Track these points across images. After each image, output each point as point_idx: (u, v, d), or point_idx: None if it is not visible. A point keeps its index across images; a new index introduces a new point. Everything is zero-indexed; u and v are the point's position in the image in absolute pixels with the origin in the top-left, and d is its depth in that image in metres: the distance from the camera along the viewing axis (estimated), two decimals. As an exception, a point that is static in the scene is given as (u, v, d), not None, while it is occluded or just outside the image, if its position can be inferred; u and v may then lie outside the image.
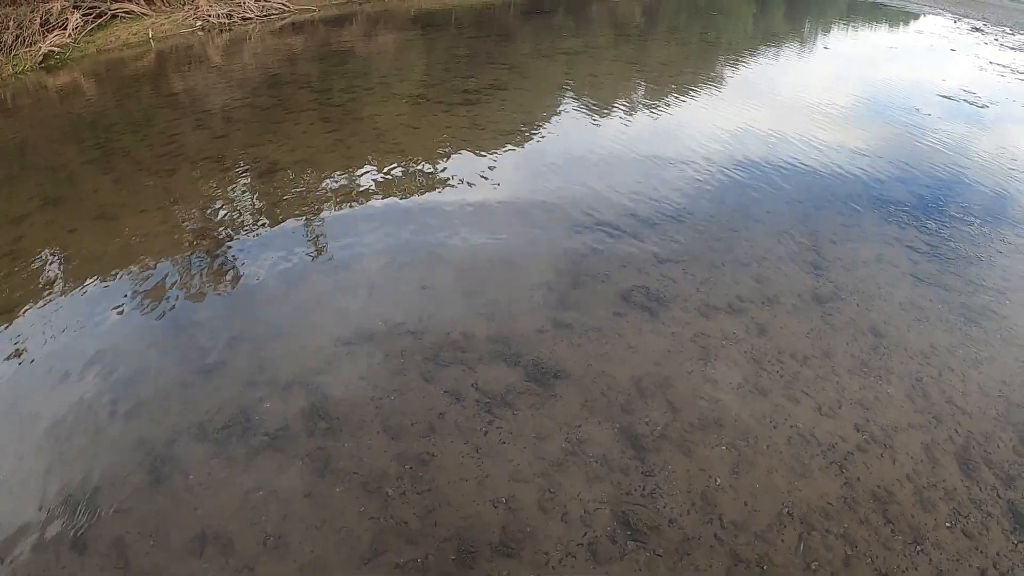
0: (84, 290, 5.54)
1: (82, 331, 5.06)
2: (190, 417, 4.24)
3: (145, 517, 3.58)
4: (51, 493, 3.74)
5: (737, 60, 14.66)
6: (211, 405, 4.30)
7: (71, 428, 4.14)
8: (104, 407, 4.28)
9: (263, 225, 6.55)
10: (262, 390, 4.39)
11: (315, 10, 17.27)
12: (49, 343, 4.90)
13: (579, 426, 4.08)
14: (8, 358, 4.76)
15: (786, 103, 11.04)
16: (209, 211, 6.89)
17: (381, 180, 7.34)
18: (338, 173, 7.57)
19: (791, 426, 4.25)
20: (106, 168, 8.11)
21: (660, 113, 10.13)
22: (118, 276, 5.74)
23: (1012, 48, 16.59)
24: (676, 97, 10.95)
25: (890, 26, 20.45)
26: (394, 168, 7.60)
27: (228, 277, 5.75)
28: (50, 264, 5.97)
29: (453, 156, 8.03)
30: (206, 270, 5.84)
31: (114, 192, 7.39)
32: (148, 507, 3.67)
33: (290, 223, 6.54)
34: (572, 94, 11.04)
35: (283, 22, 16.64)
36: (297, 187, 7.29)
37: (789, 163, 8.12)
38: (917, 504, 3.79)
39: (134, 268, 5.84)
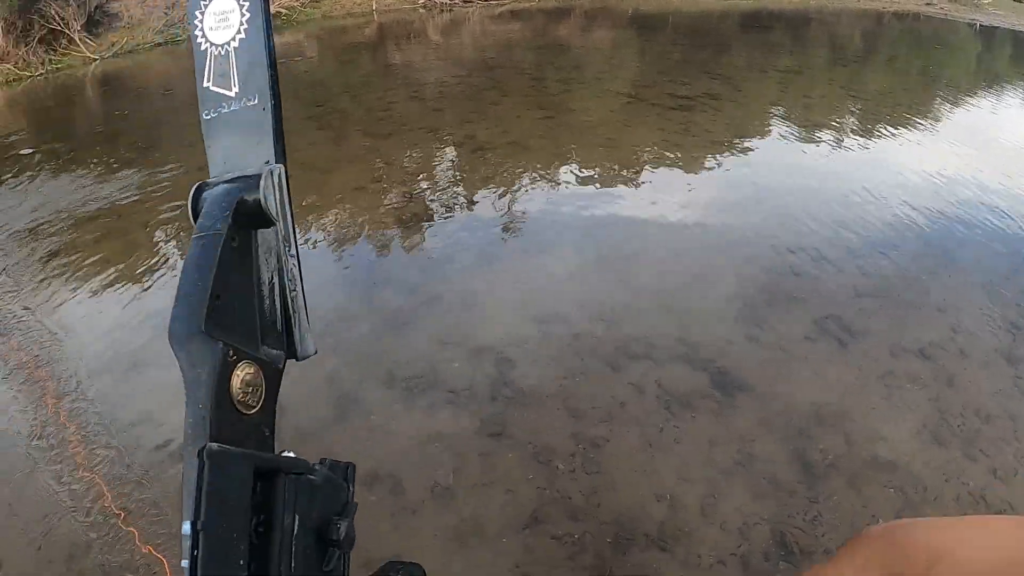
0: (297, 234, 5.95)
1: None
2: (381, 365, 4.55)
3: (327, 448, 3.89)
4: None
5: (957, 98, 13.92)
6: (401, 357, 4.60)
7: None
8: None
9: (467, 199, 6.85)
10: (452, 351, 4.65)
11: (534, 0, 17.50)
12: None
13: (753, 440, 4.11)
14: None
15: (1007, 150, 10.48)
16: (418, 178, 7.24)
17: (587, 173, 7.49)
18: (545, 160, 7.76)
19: (963, 483, 4.13)
20: (324, 125, 8.71)
21: (871, 144, 9.82)
22: (324, 225, 6.15)
23: None
24: (889, 129, 10.57)
25: None
26: (602, 163, 7.74)
27: (428, 242, 6.07)
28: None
29: (662, 159, 8.10)
30: (408, 233, 6.18)
31: (330, 148, 7.92)
32: (328, 438, 4.00)
33: (493, 200, 6.79)
34: (784, 113, 10.85)
35: (502, 8, 17.02)
36: (505, 168, 7.54)
37: (1005, 214, 7.74)
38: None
39: (343, 220, 6.25)
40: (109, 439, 4.72)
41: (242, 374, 0.65)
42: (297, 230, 0.77)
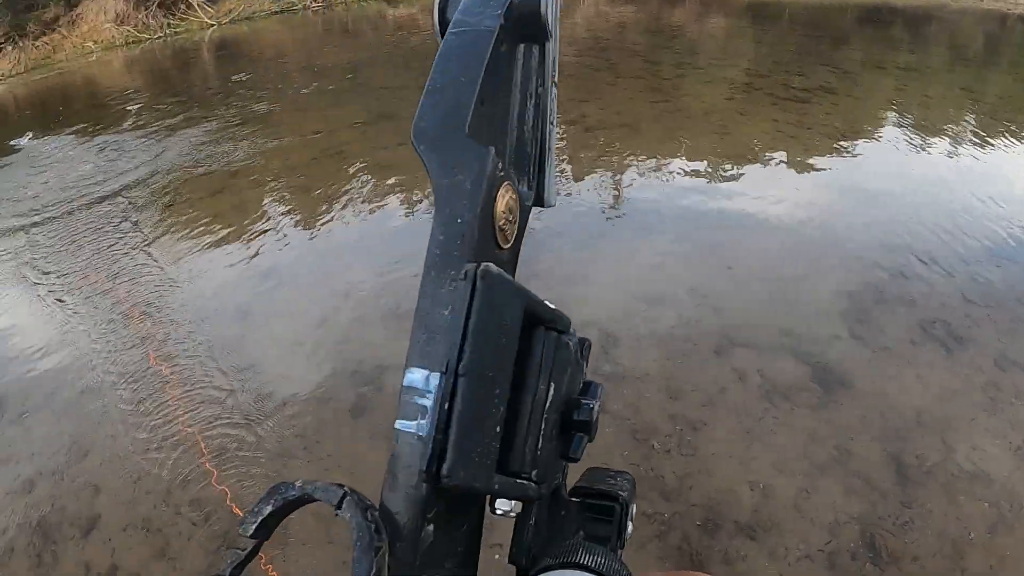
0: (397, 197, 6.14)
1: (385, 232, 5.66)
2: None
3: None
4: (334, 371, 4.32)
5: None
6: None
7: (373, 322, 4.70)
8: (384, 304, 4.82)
9: (577, 177, 6.91)
10: (557, 323, 4.74)
11: None
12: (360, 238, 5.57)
13: (851, 438, 4.10)
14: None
15: None
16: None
17: (697, 160, 7.46)
18: (656, 144, 7.76)
19: (1061, 505, 4.10)
20: None
21: (990, 150, 9.49)
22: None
23: None
24: (1010, 137, 10.22)
25: None
26: (713, 151, 7.69)
27: (536, 217, 6.13)
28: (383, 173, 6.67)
29: (774, 151, 7.99)
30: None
31: None
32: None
33: (602, 180, 6.85)
34: (900, 112, 10.54)
35: None
36: (615, 149, 7.56)
37: None
38: None
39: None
40: (214, 382, 4.97)
41: (506, 195, 0.57)
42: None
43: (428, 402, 0.47)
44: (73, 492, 4.33)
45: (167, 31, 19.20)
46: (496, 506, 0.55)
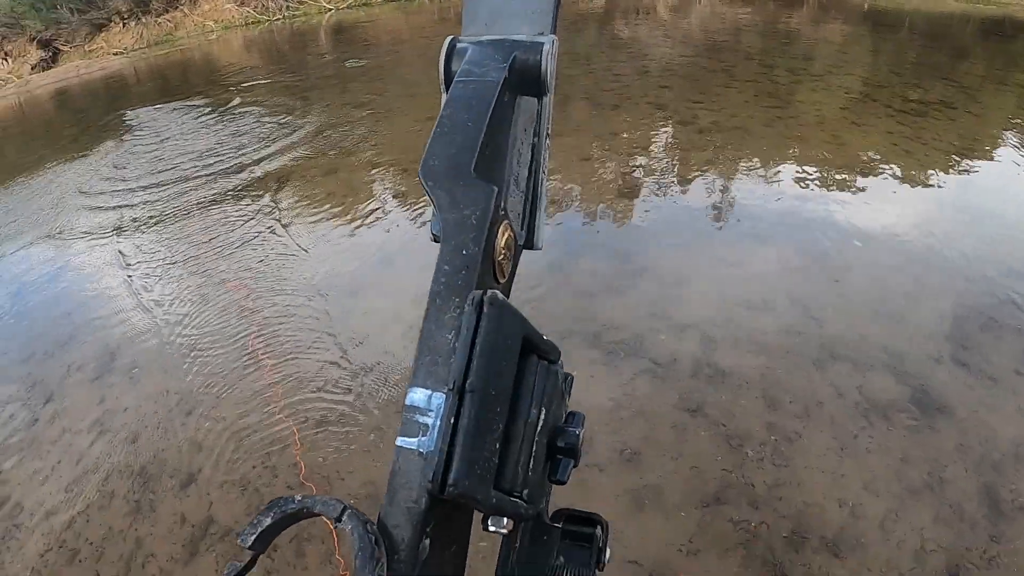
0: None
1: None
2: (588, 324, 4.75)
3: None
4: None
5: None
6: (608, 320, 4.79)
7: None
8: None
9: (685, 178, 6.92)
10: (660, 323, 4.80)
11: None
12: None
13: (946, 466, 4.05)
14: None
15: None
16: (640, 152, 7.37)
17: (808, 169, 7.35)
18: (767, 151, 7.67)
19: None
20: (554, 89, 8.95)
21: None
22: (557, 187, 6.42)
23: None
24: None
25: None
26: (825, 160, 7.57)
27: (644, 216, 6.20)
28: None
29: (887, 166, 7.81)
30: (627, 204, 6.32)
31: (556, 112, 8.15)
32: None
33: (711, 183, 6.85)
34: (1022, 132, 10.21)
35: None
36: (726, 152, 7.53)
37: None
38: None
39: (572, 182, 6.48)
40: (327, 345, 5.18)
41: (506, 233, 0.60)
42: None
43: (430, 420, 0.50)
44: (175, 446, 4.59)
45: (286, 13, 19.70)
46: (489, 523, 0.56)
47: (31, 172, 10.59)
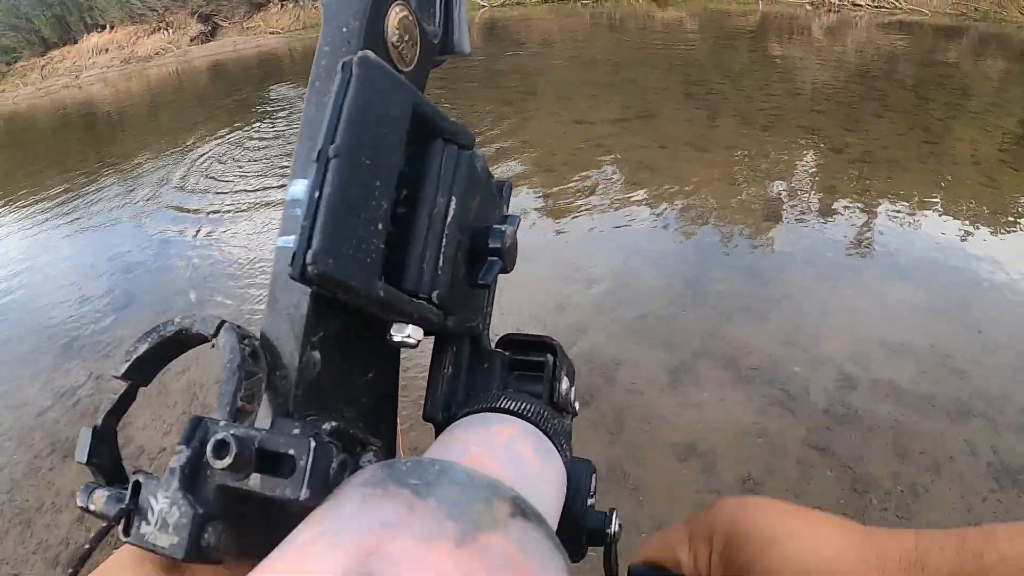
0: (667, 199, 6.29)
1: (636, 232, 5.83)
2: (722, 348, 4.74)
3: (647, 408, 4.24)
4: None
5: None
6: (746, 345, 4.76)
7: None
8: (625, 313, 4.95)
9: (832, 206, 6.79)
10: (796, 353, 4.75)
11: (927, 14, 16.37)
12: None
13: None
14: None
15: None
16: (788, 175, 7.31)
17: (958, 208, 7.09)
18: (918, 187, 7.44)
19: None
20: (703, 105, 9.00)
21: None
22: (697, 202, 6.41)
23: None
24: None
25: None
26: (977, 202, 7.28)
27: (788, 242, 6.13)
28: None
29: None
30: (771, 229, 6.26)
31: (705, 128, 8.15)
32: (656, 400, 4.30)
33: (855, 212, 6.71)
34: None
35: (892, 18, 16.09)
36: (875, 185, 7.36)
37: None
38: None
39: (715, 199, 6.48)
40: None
41: (400, 13, 0.53)
42: None
43: (301, 196, 0.45)
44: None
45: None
46: (392, 332, 0.49)
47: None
